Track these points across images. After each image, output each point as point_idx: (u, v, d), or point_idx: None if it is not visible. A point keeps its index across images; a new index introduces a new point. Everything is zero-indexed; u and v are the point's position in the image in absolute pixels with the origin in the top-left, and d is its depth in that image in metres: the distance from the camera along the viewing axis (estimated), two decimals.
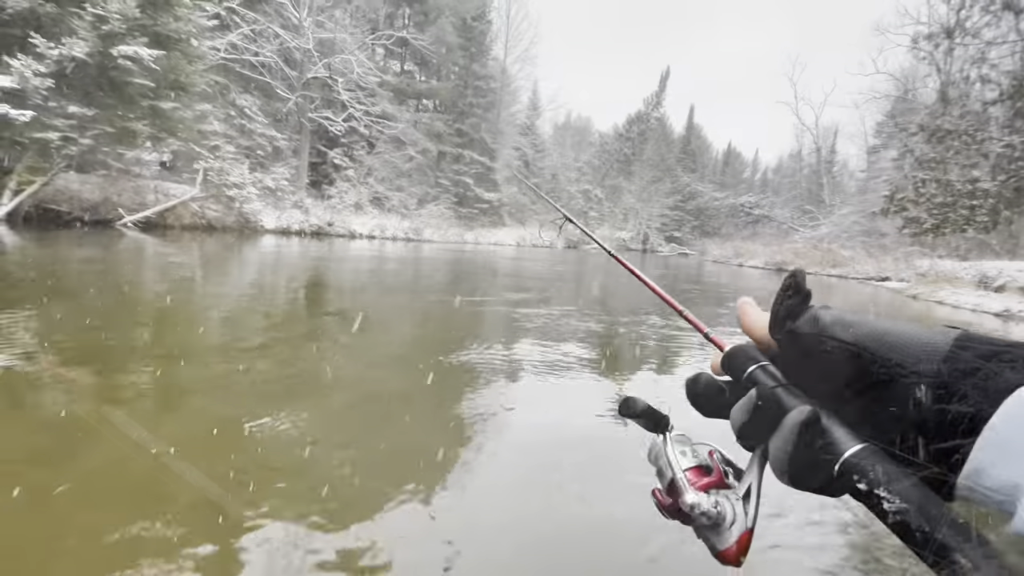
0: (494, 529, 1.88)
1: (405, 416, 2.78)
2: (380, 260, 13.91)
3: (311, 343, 4.16)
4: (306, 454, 2.24)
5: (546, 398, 3.31)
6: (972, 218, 13.02)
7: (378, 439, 2.49)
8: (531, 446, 2.60)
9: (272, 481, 1.99)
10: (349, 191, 27.23)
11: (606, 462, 2.46)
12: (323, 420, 2.64)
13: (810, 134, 47.72)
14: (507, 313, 6.15)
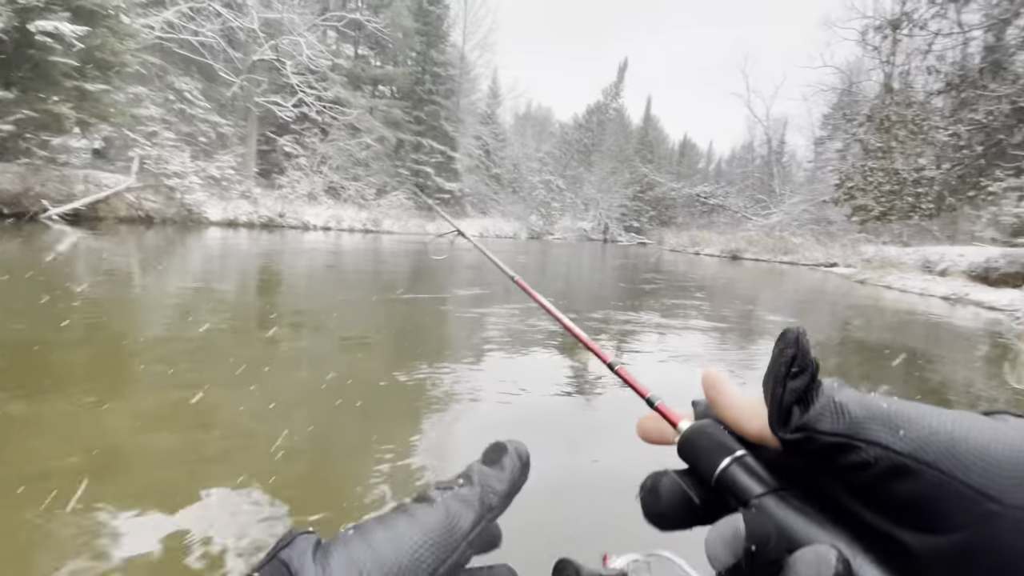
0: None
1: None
2: (335, 254, 13.21)
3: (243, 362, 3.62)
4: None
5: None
6: (918, 205, 13.56)
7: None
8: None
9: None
10: (302, 180, 25.98)
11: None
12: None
13: (761, 126, 49.24)
14: (465, 315, 5.62)
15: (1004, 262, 13.14)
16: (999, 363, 4.94)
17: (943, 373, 4.48)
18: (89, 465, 1.85)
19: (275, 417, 2.37)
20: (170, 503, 1.65)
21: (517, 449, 0.29)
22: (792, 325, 0.23)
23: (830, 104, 39.71)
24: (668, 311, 6.64)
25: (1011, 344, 5.90)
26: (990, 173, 11.23)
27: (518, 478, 0.28)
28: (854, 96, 32.31)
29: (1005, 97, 10.45)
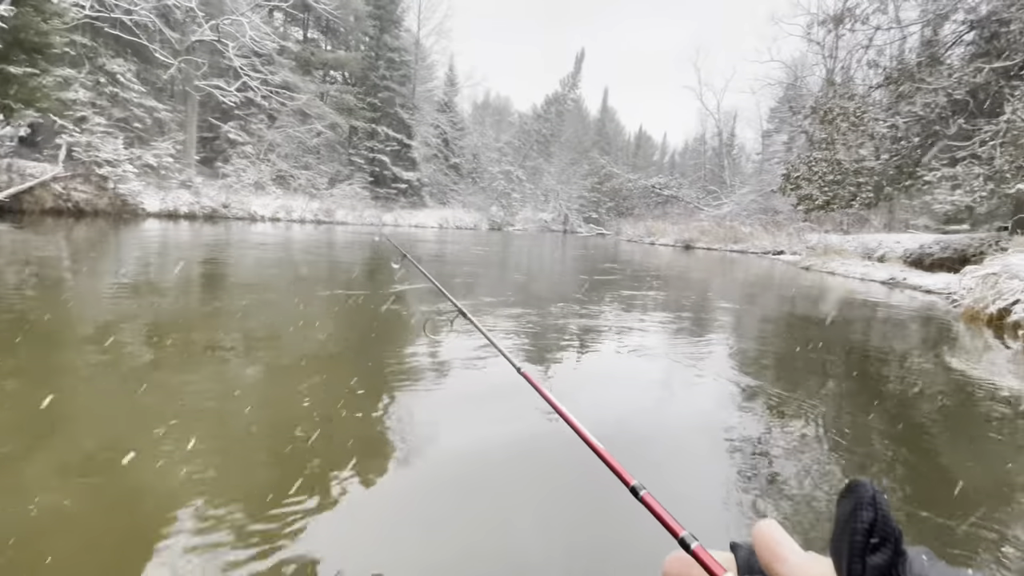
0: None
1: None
2: (284, 247, 12.58)
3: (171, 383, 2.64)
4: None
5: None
6: (859, 194, 14.18)
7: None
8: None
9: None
10: (248, 169, 24.69)
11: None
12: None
13: (713, 118, 50.57)
14: (424, 316, 4.83)
15: (937, 248, 13.96)
16: (932, 335, 5.15)
17: (886, 353, 4.59)
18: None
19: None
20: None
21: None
22: (862, 479, 0.19)
23: (776, 98, 41.20)
24: (626, 301, 6.59)
25: (941, 320, 6.20)
26: (926, 163, 11.85)
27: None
28: (799, 90, 33.62)
29: (941, 90, 11.00)
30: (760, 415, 2.74)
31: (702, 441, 2.41)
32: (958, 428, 2.81)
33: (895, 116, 12.14)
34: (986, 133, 10.30)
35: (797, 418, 2.69)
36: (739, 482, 1.98)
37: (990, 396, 3.33)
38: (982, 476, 2.14)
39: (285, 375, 2.80)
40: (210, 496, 1.59)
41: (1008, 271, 5.31)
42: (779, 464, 2.15)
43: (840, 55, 16.53)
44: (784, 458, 2.20)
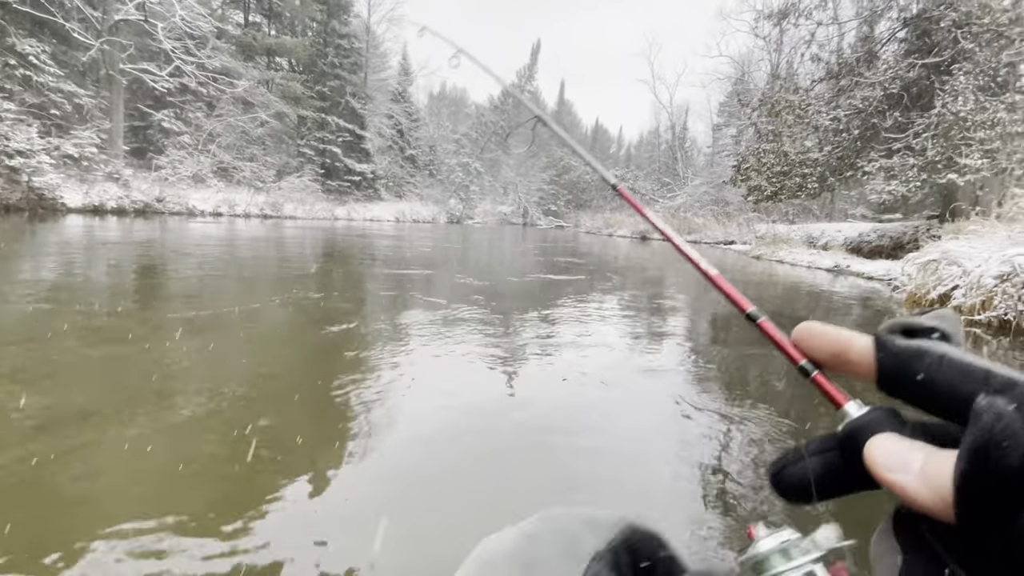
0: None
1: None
2: (225, 244, 11.79)
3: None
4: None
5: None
6: (804, 185, 14.66)
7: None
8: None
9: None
10: (185, 160, 23.17)
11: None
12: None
13: (666, 112, 51.57)
14: (383, 341, 3.78)
15: (875, 236, 14.63)
16: (877, 321, 5.25)
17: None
18: None
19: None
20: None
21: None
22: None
23: (725, 92, 42.37)
24: (585, 296, 6.43)
25: (885, 305, 6.39)
26: (865, 155, 12.32)
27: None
28: (746, 85, 34.64)
29: (878, 84, 11.43)
30: (715, 411, 2.60)
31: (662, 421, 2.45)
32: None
33: (836, 109, 12.57)
34: (919, 126, 10.78)
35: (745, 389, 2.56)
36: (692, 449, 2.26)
37: None
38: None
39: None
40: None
41: (947, 257, 5.48)
42: (731, 437, 2.39)
43: (785, 50, 17.01)
44: (736, 433, 2.43)
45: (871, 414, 0.24)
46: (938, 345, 0.23)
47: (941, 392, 0.22)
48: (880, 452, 0.22)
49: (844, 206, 27.21)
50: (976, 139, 9.42)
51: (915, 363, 0.23)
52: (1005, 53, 9.53)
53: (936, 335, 0.24)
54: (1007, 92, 9.72)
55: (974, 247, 5.44)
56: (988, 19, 9.71)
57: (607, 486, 1.88)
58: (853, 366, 0.26)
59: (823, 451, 0.25)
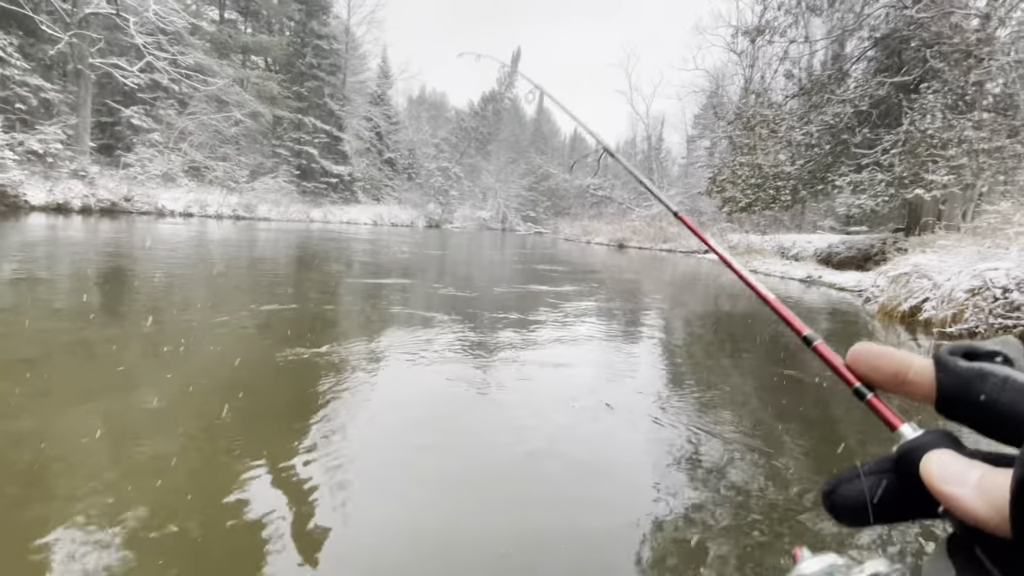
0: None
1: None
2: (194, 246, 11.44)
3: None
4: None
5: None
6: (777, 197, 15.05)
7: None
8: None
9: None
10: (155, 159, 22.42)
11: None
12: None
13: (642, 123, 52.45)
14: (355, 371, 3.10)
15: (844, 248, 15.10)
16: (851, 332, 5.41)
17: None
18: None
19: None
20: None
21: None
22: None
23: (700, 105, 43.33)
24: (563, 305, 6.44)
25: (858, 317, 6.58)
26: (836, 169, 12.73)
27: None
28: (720, 98, 35.51)
29: (848, 101, 11.84)
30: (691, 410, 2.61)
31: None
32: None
33: (808, 124, 12.96)
34: (887, 142, 11.19)
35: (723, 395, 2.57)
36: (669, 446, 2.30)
37: None
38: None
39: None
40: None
41: (918, 271, 5.67)
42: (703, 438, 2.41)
43: (758, 65, 17.50)
44: (709, 434, 2.46)
45: (927, 435, 0.24)
46: (1001, 368, 0.23)
47: (1004, 414, 0.22)
48: (937, 465, 0.22)
49: (813, 217, 28.08)
50: (944, 156, 9.83)
51: (977, 384, 0.23)
52: (974, 72, 9.98)
53: (999, 359, 0.24)
54: (974, 111, 10.17)
55: (944, 261, 5.65)
56: (958, 39, 10.17)
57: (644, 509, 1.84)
58: (911, 386, 0.26)
59: (879, 472, 0.24)
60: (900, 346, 5.08)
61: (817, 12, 12.88)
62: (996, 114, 10.16)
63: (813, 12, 12.90)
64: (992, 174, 9.84)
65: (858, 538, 1.60)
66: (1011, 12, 10.59)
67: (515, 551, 1.49)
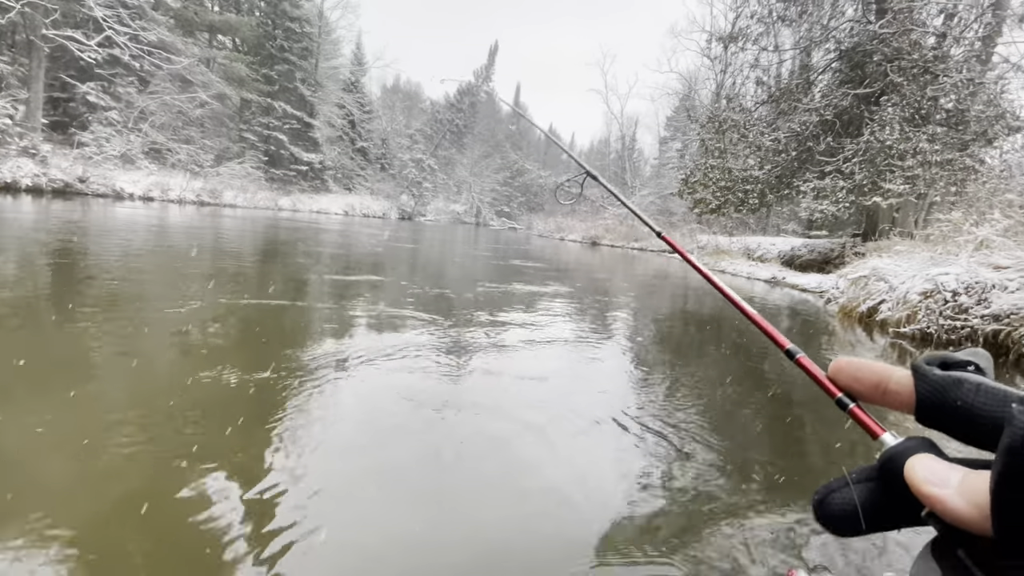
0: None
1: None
2: (150, 232, 11.01)
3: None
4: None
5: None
6: (746, 200, 15.52)
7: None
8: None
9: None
10: (113, 138, 21.38)
11: None
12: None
13: (617, 122, 53.09)
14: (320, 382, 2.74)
15: (806, 251, 15.71)
16: (813, 331, 5.68)
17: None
18: None
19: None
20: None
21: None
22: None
23: (673, 107, 44.15)
24: (535, 302, 6.52)
25: (819, 316, 6.90)
26: (800, 175, 13.23)
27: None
28: (692, 101, 36.29)
29: (813, 110, 12.33)
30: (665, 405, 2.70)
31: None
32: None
33: (777, 131, 13.42)
34: (848, 151, 11.70)
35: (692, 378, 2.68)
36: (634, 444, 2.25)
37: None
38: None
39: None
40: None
41: (876, 274, 5.98)
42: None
43: (731, 71, 17.94)
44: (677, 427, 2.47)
45: (909, 441, 0.25)
46: (974, 375, 0.25)
47: (979, 418, 0.23)
48: (920, 468, 0.23)
49: (777, 221, 29.10)
50: (901, 166, 10.35)
51: (953, 391, 0.24)
52: (929, 88, 10.54)
53: (971, 368, 0.26)
54: (929, 124, 10.74)
55: (899, 265, 5.97)
56: (917, 55, 10.70)
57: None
58: (892, 396, 0.27)
59: (867, 479, 0.25)
60: (857, 344, 5.37)
61: (787, 23, 13.33)
62: (948, 128, 10.75)
63: (783, 22, 13.34)
64: (943, 185, 10.42)
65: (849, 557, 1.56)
66: (964, 32, 11.22)
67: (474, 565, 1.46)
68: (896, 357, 4.77)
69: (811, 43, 13.28)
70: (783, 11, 13.43)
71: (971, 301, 4.92)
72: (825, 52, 13.31)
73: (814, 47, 13.46)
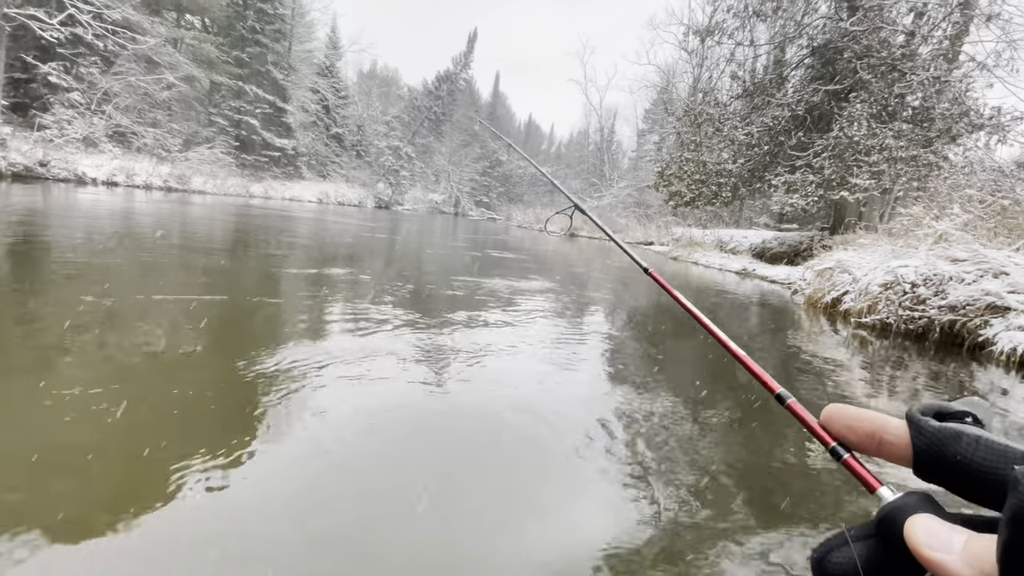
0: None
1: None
2: (110, 218, 10.66)
3: None
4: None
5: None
6: (719, 193, 15.79)
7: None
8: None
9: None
10: (75, 121, 20.48)
11: None
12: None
13: (596, 114, 53.21)
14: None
15: (776, 243, 16.10)
16: (782, 321, 5.87)
17: (747, 336, 5.05)
18: None
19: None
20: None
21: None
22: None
23: (651, 100, 44.44)
24: (515, 300, 6.55)
25: (787, 307, 7.12)
26: (772, 169, 13.52)
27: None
28: (670, 94, 36.59)
29: (786, 105, 12.58)
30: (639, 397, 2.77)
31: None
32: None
33: (750, 125, 13.66)
34: (818, 146, 12.00)
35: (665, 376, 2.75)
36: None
37: (820, 363, 3.78)
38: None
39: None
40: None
41: (841, 266, 6.20)
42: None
43: (707, 65, 18.15)
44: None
45: (908, 497, 0.24)
46: (973, 428, 0.24)
47: (979, 474, 0.22)
48: (922, 531, 0.22)
49: (750, 214, 29.71)
50: (867, 161, 10.68)
51: (952, 445, 0.23)
52: (897, 85, 10.86)
53: (968, 419, 0.25)
54: (895, 121, 11.08)
55: (863, 258, 6.20)
56: (886, 53, 11.00)
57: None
58: (887, 448, 0.26)
59: (867, 536, 0.24)
60: (822, 333, 5.57)
61: (762, 18, 13.51)
62: (914, 125, 11.12)
63: (759, 17, 13.52)
64: (907, 180, 10.79)
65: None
66: (933, 31, 11.57)
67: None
68: (858, 346, 4.97)
69: (785, 39, 13.51)
70: (759, 6, 13.62)
71: (929, 293, 5.14)
72: (798, 48, 13.57)
73: (788, 43, 13.71)
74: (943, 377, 4.11)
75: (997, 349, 4.48)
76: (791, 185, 12.85)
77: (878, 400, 3.41)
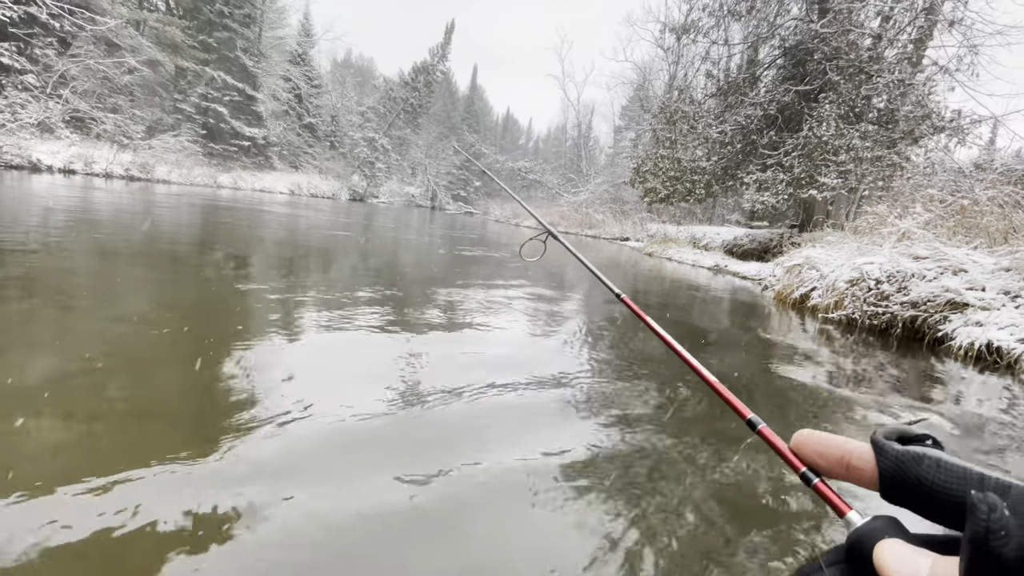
0: None
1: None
2: (58, 211, 10.16)
3: None
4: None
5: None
6: (693, 190, 16.02)
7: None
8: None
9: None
10: (29, 105, 19.45)
11: None
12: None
13: (573, 109, 53.35)
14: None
15: (747, 240, 16.42)
16: (751, 316, 5.96)
17: (715, 330, 5.10)
18: None
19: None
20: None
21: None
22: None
23: (628, 97, 44.79)
24: (493, 295, 6.46)
25: (757, 302, 7.24)
26: (744, 167, 13.76)
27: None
28: (646, 91, 36.93)
29: (758, 105, 12.80)
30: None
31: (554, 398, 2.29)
32: (764, 382, 3.14)
33: (724, 123, 13.87)
34: (789, 145, 12.25)
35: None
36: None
37: (790, 353, 3.82)
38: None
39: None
40: None
41: (809, 263, 6.32)
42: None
43: (683, 62, 18.35)
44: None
45: (875, 522, 0.25)
46: (934, 451, 0.25)
47: (941, 495, 0.23)
48: (890, 557, 0.22)
49: (723, 211, 30.28)
50: (835, 161, 10.95)
51: (914, 467, 0.24)
52: (864, 87, 11.15)
53: (929, 442, 0.26)
54: (862, 122, 11.38)
55: (830, 255, 6.33)
56: (854, 55, 11.27)
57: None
58: (855, 472, 0.27)
59: (838, 562, 0.25)
60: (790, 329, 5.66)
61: (737, 17, 13.70)
62: (879, 126, 11.44)
63: (733, 17, 13.71)
64: (872, 180, 11.11)
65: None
66: (898, 35, 11.90)
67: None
68: (824, 341, 5.06)
69: (758, 39, 13.73)
70: (734, 5, 13.80)
71: (892, 289, 5.27)
72: (771, 48, 13.81)
73: (761, 43, 13.93)
74: (903, 369, 4.21)
75: (956, 344, 4.62)
76: (762, 183, 13.10)
77: (841, 391, 3.46)
